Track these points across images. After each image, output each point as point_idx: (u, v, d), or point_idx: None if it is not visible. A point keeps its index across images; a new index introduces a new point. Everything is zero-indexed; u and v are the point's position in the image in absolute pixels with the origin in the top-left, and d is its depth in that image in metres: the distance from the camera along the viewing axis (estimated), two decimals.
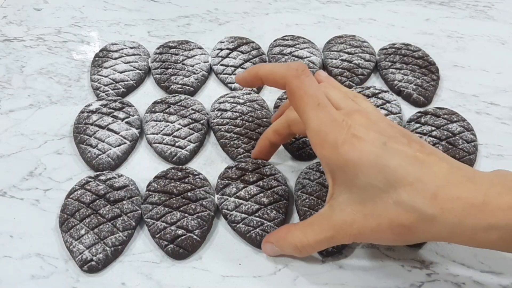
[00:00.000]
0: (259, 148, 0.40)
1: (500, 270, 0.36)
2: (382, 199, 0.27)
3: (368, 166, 0.27)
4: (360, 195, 0.28)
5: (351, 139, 0.27)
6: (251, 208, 0.36)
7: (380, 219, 0.28)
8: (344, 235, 0.30)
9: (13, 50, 0.54)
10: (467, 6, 0.63)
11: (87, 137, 0.43)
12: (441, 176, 0.27)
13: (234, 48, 0.52)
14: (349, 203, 0.29)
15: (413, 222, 0.27)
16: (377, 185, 0.27)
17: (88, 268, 0.35)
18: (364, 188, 0.28)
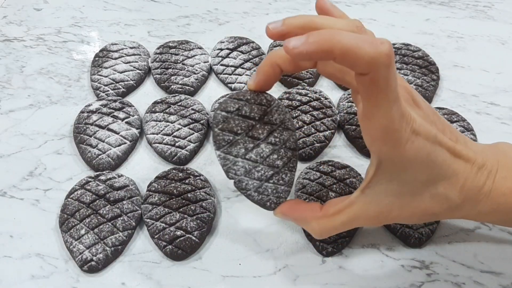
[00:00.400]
0: (263, 77, 0.30)
1: (500, 270, 0.36)
2: (421, 192, 0.28)
3: (420, 162, 0.27)
4: (400, 187, 0.28)
5: (412, 136, 0.26)
6: (265, 175, 0.31)
7: (415, 210, 0.29)
8: (373, 223, 0.30)
9: (13, 50, 0.54)
10: (467, 6, 0.63)
11: (87, 137, 0.43)
12: (468, 167, 0.29)
13: (234, 48, 0.52)
14: (387, 194, 0.29)
15: (444, 210, 0.29)
16: (421, 180, 0.28)
17: (88, 268, 0.35)
18: (407, 181, 0.28)
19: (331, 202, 0.31)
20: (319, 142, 0.43)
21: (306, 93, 0.46)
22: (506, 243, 0.37)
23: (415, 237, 0.36)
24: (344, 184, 0.39)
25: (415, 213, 0.29)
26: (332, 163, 0.41)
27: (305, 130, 0.44)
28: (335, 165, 0.41)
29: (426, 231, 0.37)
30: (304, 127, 0.44)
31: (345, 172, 0.40)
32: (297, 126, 0.44)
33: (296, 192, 0.39)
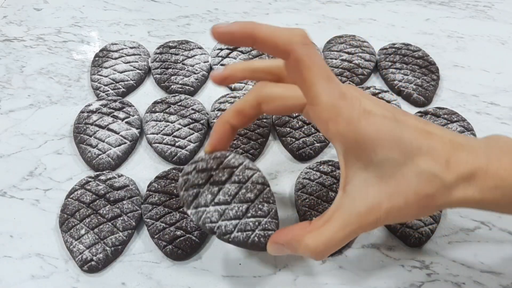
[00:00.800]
0: (217, 135, 0.32)
1: (500, 270, 0.36)
2: (403, 173, 0.27)
3: (385, 139, 0.26)
4: (378, 173, 0.27)
5: (364, 114, 0.26)
6: (240, 210, 0.30)
7: (406, 195, 0.27)
8: (370, 222, 0.27)
9: (13, 50, 0.54)
10: (467, 6, 0.63)
11: (87, 137, 0.43)
12: (448, 144, 0.27)
13: (234, 48, 0.52)
14: (368, 184, 0.27)
15: (437, 189, 0.27)
16: (395, 158, 0.26)
17: (88, 268, 0.35)
18: (382, 163, 0.26)
19: (318, 216, 0.30)
20: (319, 142, 0.43)
21: None
22: (506, 243, 0.37)
23: (415, 237, 0.36)
24: None
25: (408, 199, 0.27)
26: (332, 163, 0.41)
27: (305, 130, 0.44)
28: (335, 165, 0.41)
29: (426, 231, 0.37)
30: (304, 127, 0.44)
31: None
32: (297, 126, 0.44)
33: (296, 192, 0.39)
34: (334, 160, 0.42)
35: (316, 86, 0.26)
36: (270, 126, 0.45)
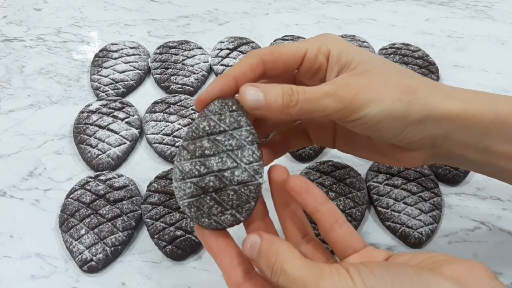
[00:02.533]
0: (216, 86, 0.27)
1: (500, 270, 0.36)
2: (387, 68, 0.28)
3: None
4: (365, 67, 0.28)
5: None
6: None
7: (387, 80, 0.27)
8: (346, 91, 0.26)
9: (13, 50, 0.54)
10: (467, 6, 0.63)
11: (87, 137, 0.43)
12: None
13: (234, 48, 0.52)
14: (354, 74, 0.28)
15: (417, 84, 0.27)
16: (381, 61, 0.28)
17: (88, 268, 0.35)
18: (370, 61, 0.28)
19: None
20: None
21: None
22: (506, 243, 0.37)
23: (415, 237, 0.36)
24: (344, 184, 0.39)
25: (388, 81, 0.27)
26: (332, 163, 0.41)
27: None
28: (335, 165, 0.41)
29: (426, 231, 0.37)
30: None
31: (345, 172, 0.40)
32: None
33: None
34: (334, 160, 0.42)
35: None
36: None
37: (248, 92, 0.26)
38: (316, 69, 0.29)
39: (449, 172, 0.41)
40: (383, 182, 0.40)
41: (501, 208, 0.40)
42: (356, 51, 0.29)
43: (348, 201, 0.38)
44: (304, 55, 0.29)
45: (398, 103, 0.27)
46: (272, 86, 0.26)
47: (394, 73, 0.28)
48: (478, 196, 0.41)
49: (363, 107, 0.26)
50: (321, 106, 0.26)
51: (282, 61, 0.29)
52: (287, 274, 0.23)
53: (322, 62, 0.29)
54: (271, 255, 0.24)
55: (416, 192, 0.39)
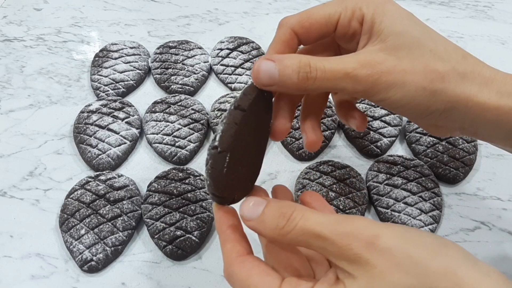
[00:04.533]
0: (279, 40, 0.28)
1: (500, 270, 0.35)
2: (419, 46, 0.25)
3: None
4: (395, 42, 0.25)
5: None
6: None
7: (415, 62, 0.25)
8: (368, 71, 0.25)
9: (13, 50, 0.54)
10: (467, 6, 0.63)
11: (87, 137, 0.43)
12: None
13: (234, 48, 0.52)
14: (382, 49, 0.26)
15: (447, 71, 0.25)
16: (416, 35, 0.26)
17: (88, 268, 0.35)
18: (402, 34, 0.26)
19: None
20: None
21: None
22: (506, 243, 0.37)
23: None
24: (344, 184, 0.39)
25: (416, 66, 0.25)
26: (332, 163, 0.41)
27: None
28: (335, 165, 0.41)
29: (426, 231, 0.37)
30: None
31: (345, 172, 0.40)
32: (297, 126, 0.44)
33: (296, 192, 0.39)
34: (334, 160, 0.42)
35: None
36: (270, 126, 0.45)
37: (262, 67, 0.25)
38: (350, 35, 0.28)
39: (449, 172, 0.41)
40: (383, 182, 0.40)
41: (501, 208, 0.40)
42: (392, 17, 0.26)
43: (348, 201, 0.38)
44: (337, 22, 0.27)
45: (422, 92, 0.25)
46: (289, 59, 0.25)
47: (427, 52, 0.25)
48: (478, 196, 0.41)
49: (385, 91, 0.25)
50: (340, 86, 0.25)
51: (315, 30, 0.28)
52: (309, 218, 0.22)
53: (356, 28, 0.27)
54: (287, 208, 0.23)
55: (416, 192, 0.39)
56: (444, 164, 0.41)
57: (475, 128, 0.27)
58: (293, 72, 0.25)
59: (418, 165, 0.41)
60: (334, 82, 0.25)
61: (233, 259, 0.24)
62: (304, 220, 0.23)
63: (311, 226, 0.22)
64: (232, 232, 0.25)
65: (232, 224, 0.25)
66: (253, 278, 0.23)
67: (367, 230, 0.21)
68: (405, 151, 0.44)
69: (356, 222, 0.22)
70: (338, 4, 0.27)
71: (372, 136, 0.43)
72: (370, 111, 0.45)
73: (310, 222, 0.22)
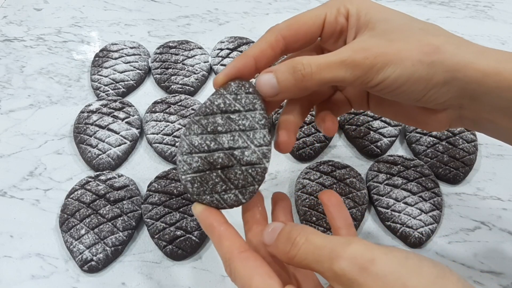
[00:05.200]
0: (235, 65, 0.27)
1: (500, 270, 0.36)
2: (409, 27, 0.26)
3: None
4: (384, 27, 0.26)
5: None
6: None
7: (408, 39, 0.25)
8: (363, 56, 0.25)
9: (13, 50, 0.54)
10: (467, 6, 0.63)
11: (87, 137, 0.43)
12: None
13: (234, 48, 0.52)
14: (372, 36, 0.26)
15: (441, 42, 0.25)
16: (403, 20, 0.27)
17: (88, 268, 0.35)
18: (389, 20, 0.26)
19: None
20: (319, 142, 0.43)
21: None
22: (506, 243, 0.37)
23: (415, 237, 0.36)
24: (344, 184, 0.39)
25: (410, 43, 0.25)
26: (332, 163, 0.41)
27: (305, 130, 0.44)
28: (335, 165, 0.41)
29: (426, 231, 0.37)
30: (304, 127, 0.44)
31: (345, 172, 0.40)
32: None
33: (296, 192, 0.39)
34: (334, 160, 0.42)
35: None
36: (270, 126, 0.45)
37: (262, 80, 0.25)
38: (338, 32, 0.28)
39: (449, 172, 0.41)
40: (383, 182, 0.40)
41: (501, 208, 0.40)
42: (376, 9, 0.27)
43: (348, 201, 0.38)
44: (324, 21, 0.28)
45: (419, 65, 0.25)
46: (281, 65, 0.25)
47: (417, 30, 0.26)
48: (478, 196, 0.41)
49: (382, 71, 0.25)
50: (339, 76, 0.25)
51: (303, 32, 0.28)
52: (311, 242, 0.23)
53: (342, 24, 0.28)
54: (294, 232, 0.24)
55: (416, 192, 0.39)
56: (444, 164, 0.41)
57: (476, 105, 0.26)
58: (288, 73, 0.25)
59: (418, 165, 0.41)
60: (332, 73, 0.25)
61: (235, 256, 0.24)
62: (306, 244, 0.23)
63: (310, 251, 0.23)
64: (227, 228, 0.25)
65: (222, 221, 0.26)
66: (256, 279, 0.23)
67: (363, 255, 0.21)
68: (405, 151, 0.44)
69: (353, 246, 0.22)
70: (323, 6, 0.28)
71: (372, 136, 0.43)
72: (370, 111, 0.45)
73: (311, 247, 0.23)
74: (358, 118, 0.45)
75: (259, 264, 0.24)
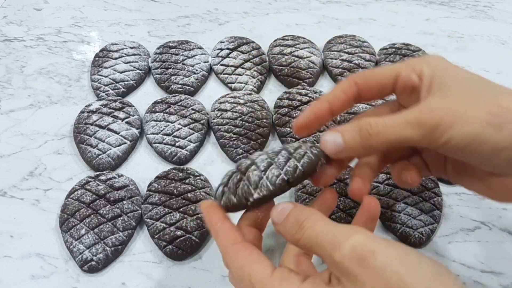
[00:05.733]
0: (311, 110, 0.29)
1: (500, 270, 0.36)
2: (480, 89, 0.26)
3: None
4: (456, 89, 0.26)
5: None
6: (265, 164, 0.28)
7: (477, 100, 0.25)
8: (429, 116, 0.25)
9: (13, 50, 0.54)
10: (467, 6, 0.63)
11: (87, 137, 0.43)
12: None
13: (234, 48, 0.52)
14: (442, 96, 0.26)
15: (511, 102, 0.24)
16: (476, 83, 0.26)
17: (88, 268, 0.35)
18: (462, 83, 0.26)
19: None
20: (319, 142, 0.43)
21: (306, 93, 0.46)
22: (506, 243, 0.37)
23: (415, 237, 0.36)
24: (344, 184, 0.39)
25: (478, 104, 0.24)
26: None
27: None
28: None
29: (426, 231, 0.37)
30: None
31: (345, 172, 0.40)
32: None
33: (296, 192, 0.39)
34: None
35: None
36: (270, 126, 0.45)
37: (326, 138, 0.27)
38: (410, 89, 0.28)
39: None
40: (383, 182, 0.40)
41: (501, 208, 0.40)
42: (450, 72, 0.27)
43: (348, 201, 0.38)
44: (398, 75, 0.28)
45: (486, 127, 0.24)
46: (347, 124, 0.27)
47: (488, 92, 0.25)
48: (478, 196, 0.41)
49: (447, 131, 0.24)
50: (404, 135, 0.25)
51: (375, 81, 0.29)
52: (316, 227, 0.23)
53: (415, 82, 0.28)
54: (301, 216, 0.24)
55: (416, 192, 0.39)
56: None
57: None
58: (355, 132, 0.26)
59: None
60: (397, 132, 0.25)
61: (228, 248, 0.25)
62: (311, 229, 0.24)
63: (314, 235, 0.23)
64: (222, 223, 0.26)
65: (221, 217, 0.27)
66: (246, 267, 0.24)
67: (363, 246, 0.22)
68: None
69: (355, 237, 0.22)
70: (400, 62, 0.29)
71: None
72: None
73: (315, 232, 0.23)
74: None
75: (249, 252, 0.25)
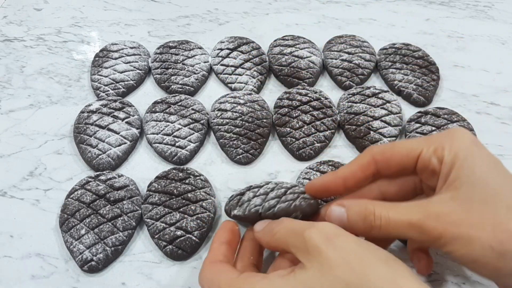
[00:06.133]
0: (324, 180, 0.30)
1: None
2: (495, 200, 0.24)
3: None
4: (469, 192, 0.24)
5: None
6: (279, 192, 0.32)
7: (486, 217, 0.23)
8: (433, 226, 0.24)
9: (13, 50, 0.54)
10: (467, 6, 0.63)
11: (87, 137, 0.43)
12: None
13: (234, 48, 0.52)
14: (453, 198, 0.25)
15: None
16: (494, 187, 0.24)
17: (88, 268, 0.35)
18: (478, 185, 0.24)
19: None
20: (319, 142, 0.43)
21: (306, 93, 0.46)
22: None
23: None
24: None
25: (485, 222, 0.23)
26: (332, 163, 0.41)
27: (305, 130, 0.44)
28: (335, 165, 0.41)
29: None
30: (304, 127, 0.44)
31: None
32: (297, 126, 0.44)
33: None
34: (334, 160, 0.42)
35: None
36: (270, 126, 0.45)
37: (333, 212, 0.28)
38: (430, 171, 0.27)
39: None
40: None
41: None
42: (472, 164, 0.25)
43: None
44: (418, 156, 0.27)
45: (489, 252, 0.23)
46: (356, 205, 0.27)
47: (502, 208, 0.23)
48: None
49: (449, 245, 0.24)
50: (406, 235, 0.25)
51: (395, 161, 0.28)
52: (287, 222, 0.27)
53: (435, 166, 0.27)
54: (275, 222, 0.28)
55: None
56: None
57: None
58: (359, 219, 0.26)
59: None
60: (399, 231, 0.25)
61: (205, 265, 0.29)
62: (283, 225, 0.27)
63: (287, 227, 0.27)
64: (218, 246, 0.30)
65: (223, 240, 0.30)
66: (216, 276, 0.27)
67: (331, 229, 0.25)
68: None
69: (325, 223, 0.25)
70: (423, 140, 0.28)
71: (372, 136, 0.43)
72: (370, 111, 0.45)
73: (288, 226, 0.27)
74: (358, 118, 0.45)
75: (221, 265, 0.28)
